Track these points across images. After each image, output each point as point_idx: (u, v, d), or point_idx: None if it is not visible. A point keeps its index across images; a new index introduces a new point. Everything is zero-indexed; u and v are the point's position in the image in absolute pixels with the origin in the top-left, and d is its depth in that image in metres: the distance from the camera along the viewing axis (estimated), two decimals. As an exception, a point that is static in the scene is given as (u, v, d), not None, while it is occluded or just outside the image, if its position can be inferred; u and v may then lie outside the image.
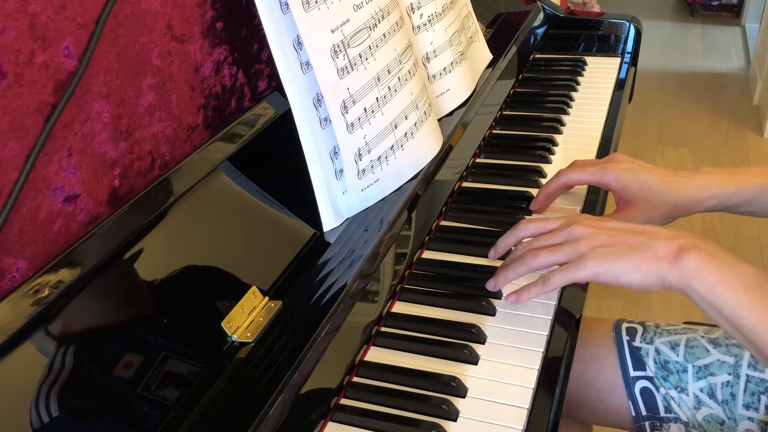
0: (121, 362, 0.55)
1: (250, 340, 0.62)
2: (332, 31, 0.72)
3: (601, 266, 0.66)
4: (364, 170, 0.77)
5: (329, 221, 0.76)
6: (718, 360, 0.82)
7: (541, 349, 0.70)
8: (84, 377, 0.52)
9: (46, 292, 0.52)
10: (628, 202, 0.83)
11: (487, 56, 1.14)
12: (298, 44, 0.71)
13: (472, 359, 0.68)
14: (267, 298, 0.66)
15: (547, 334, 0.71)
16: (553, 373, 0.68)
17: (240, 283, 0.65)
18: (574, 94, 1.24)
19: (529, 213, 0.90)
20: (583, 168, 0.86)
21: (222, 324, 0.61)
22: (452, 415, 0.63)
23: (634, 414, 0.84)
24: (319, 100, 0.74)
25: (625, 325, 0.89)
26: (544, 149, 1.06)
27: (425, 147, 0.87)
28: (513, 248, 0.78)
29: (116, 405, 0.53)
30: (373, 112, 0.77)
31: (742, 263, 0.63)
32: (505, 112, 1.18)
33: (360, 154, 0.76)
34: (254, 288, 0.65)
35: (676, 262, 0.63)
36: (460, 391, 0.65)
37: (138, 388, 0.54)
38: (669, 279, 0.64)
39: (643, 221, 0.82)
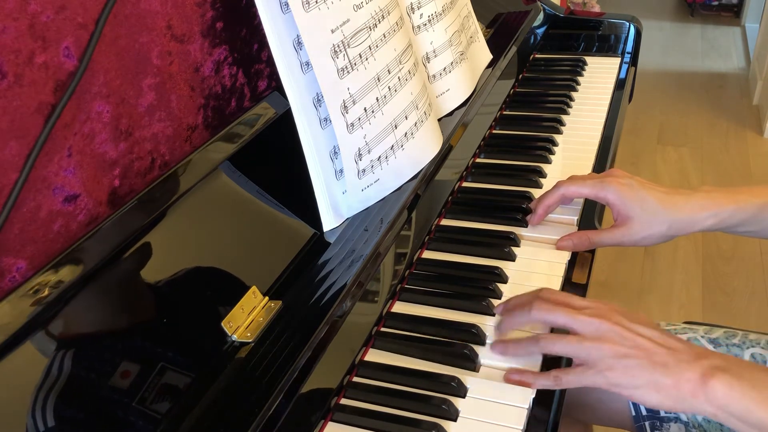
0: (121, 362, 0.55)
1: (250, 340, 0.62)
2: (332, 31, 0.72)
3: (620, 380, 0.63)
4: (364, 170, 0.77)
5: (329, 221, 0.76)
6: (718, 360, 0.82)
7: (541, 349, 0.70)
8: (84, 377, 0.52)
9: (46, 292, 0.52)
10: (626, 218, 0.82)
11: (487, 56, 1.14)
12: (298, 44, 0.71)
13: (473, 359, 0.68)
14: (267, 298, 0.66)
15: (547, 334, 0.71)
16: (553, 373, 0.68)
17: (240, 283, 0.65)
18: (574, 94, 1.24)
19: (528, 212, 0.90)
20: (582, 181, 0.85)
21: (222, 324, 0.61)
22: (452, 415, 0.63)
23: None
24: (319, 100, 0.74)
25: (625, 325, 0.88)
26: (544, 149, 1.06)
27: (425, 147, 0.87)
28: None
29: (116, 405, 0.53)
30: (373, 112, 0.77)
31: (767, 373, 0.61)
32: (505, 112, 1.18)
33: (360, 154, 0.76)
34: (254, 288, 0.65)
35: (702, 389, 0.60)
36: (460, 391, 0.65)
37: (138, 388, 0.54)
38: (694, 405, 0.62)
39: (641, 238, 0.82)
